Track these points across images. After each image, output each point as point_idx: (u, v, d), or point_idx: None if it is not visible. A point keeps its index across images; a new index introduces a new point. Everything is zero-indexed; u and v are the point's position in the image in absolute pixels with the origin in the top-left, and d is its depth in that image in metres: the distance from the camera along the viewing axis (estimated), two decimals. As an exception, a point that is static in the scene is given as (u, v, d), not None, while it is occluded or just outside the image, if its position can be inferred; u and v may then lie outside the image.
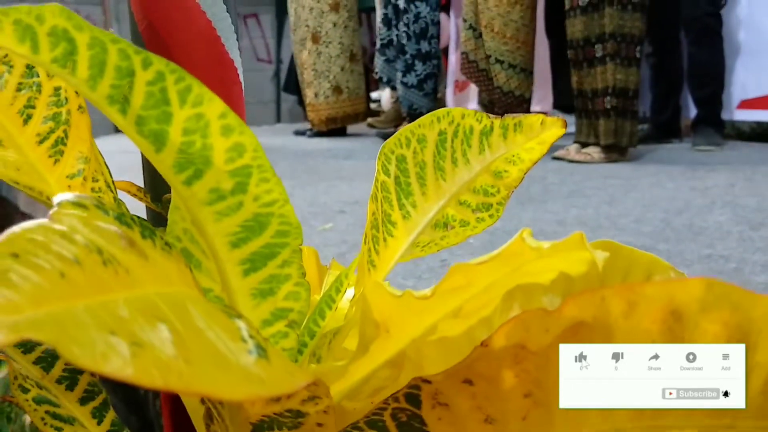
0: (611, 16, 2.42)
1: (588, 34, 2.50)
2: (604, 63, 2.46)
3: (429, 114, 0.38)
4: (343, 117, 3.81)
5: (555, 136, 0.40)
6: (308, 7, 3.67)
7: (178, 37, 0.45)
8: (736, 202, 1.77)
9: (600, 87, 2.49)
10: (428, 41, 3.35)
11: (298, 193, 2.08)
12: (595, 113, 2.54)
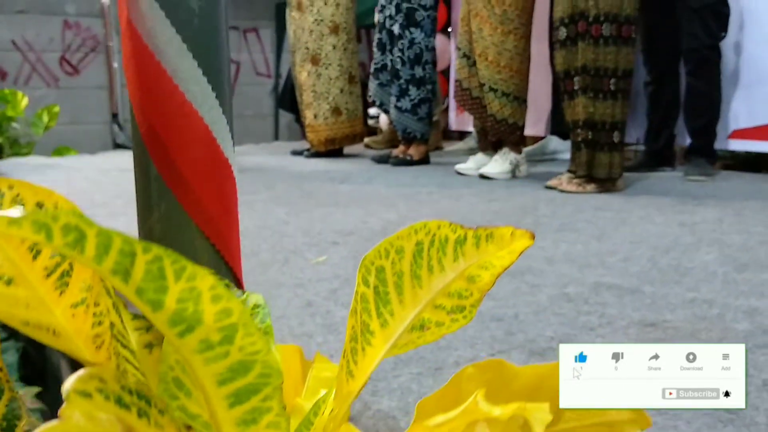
0: (583, 50, 2.47)
1: (567, 66, 2.55)
2: (576, 96, 2.51)
3: (408, 227, 0.41)
4: (342, 138, 3.85)
5: (524, 246, 0.43)
6: (308, 30, 3.71)
7: (178, 140, 0.48)
8: (723, 240, 1.80)
9: (574, 119, 2.55)
10: (422, 67, 3.40)
11: (293, 221, 2.11)
12: (576, 144, 2.59)
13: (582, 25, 2.49)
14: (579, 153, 2.58)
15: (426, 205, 2.36)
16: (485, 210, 2.24)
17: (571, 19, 2.52)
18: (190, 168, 0.47)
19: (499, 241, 0.41)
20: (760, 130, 3.06)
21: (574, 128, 2.58)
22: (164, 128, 0.47)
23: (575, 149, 2.60)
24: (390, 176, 3.05)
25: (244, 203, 2.37)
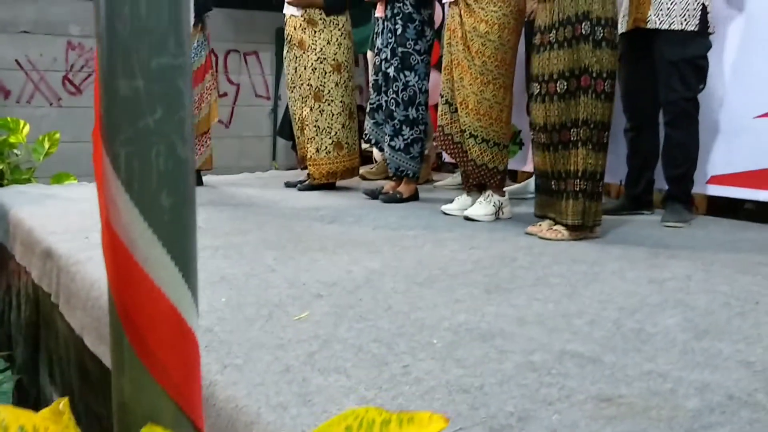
0: (550, 107, 2.60)
1: (540, 120, 2.66)
2: (553, 149, 2.63)
3: (339, 416, 0.50)
4: (343, 171, 3.96)
5: (439, 428, 0.51)
6: (311, 68, 3.82)
7: (147, 319, 0.56)
8: (687, 301, 1.89)
9: (553, 170, 2.64)
10: (416, 108, 3.50)
11: (280, 269, 2.19)
12: (555, 193, 2.68)
13: (552, 86, 2.60)
14: (558, 201, 2.66)
15: (410, 252, 2.45)
16: (465, 260, 2.33)
17: (543, 78, 2.64)
18: (157, 342, 0.56)
19: (418, 424, 0.50)
20: (737, 177, 3.16)
21: (553, 178, 2.66)
22: (135, 309, 0.56)
23: (556, 198, 2.69)
24: (378, 215, 3.14)
25: (234, 246, 2.46)
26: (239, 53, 9.04)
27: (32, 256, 2.77)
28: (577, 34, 2.56)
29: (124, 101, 0.55)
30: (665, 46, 2.92)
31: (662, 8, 2.90)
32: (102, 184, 0.59)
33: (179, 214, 0.59)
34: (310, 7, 3.81)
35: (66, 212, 3.20)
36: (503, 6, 2.96)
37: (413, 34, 3.46)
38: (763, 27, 3.04)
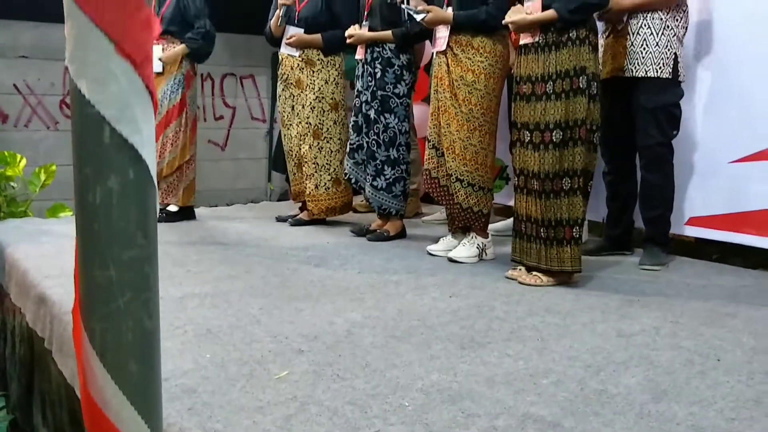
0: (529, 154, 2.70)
1: (530, 167, 2.76)
2: (535, 195, 2.74)
3: None
4: (341, 207, 4.06)
5: None
6: (309, 106, 3.91)
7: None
8: (651, 358, 1.97)
9: (536, 216, 2.74)
10: (396, 149, 3.60)
11: (264, 321, 2.28)
12: (534, 239, 2.78)
13: (537, 135, 2.70)
14: (549, 248, 2.74)
15: (391, 300, 2.53)
16: (444, 309, 2.42)
17: (531, 126, 2.73)
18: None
19: None
20: (715, 219, 3.26)
21: (543, 225, 2.74)
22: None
23: (544, 244, 2.76)
24: (364, 257, 3.23)
25: (221, 294, 2.56)
26: (235, 77, 9.15)
27: (27, 299, 2.85)
28: (574, 87, 2.65)
29: (99, 287, 0.64)
30: (641, 94, 3.02)
31: (637, 58, 3.01)
32: (80, 353, 0.68)
33: (145, 378, 0.68)
34: (308, 47, 3.91)
35: (60, 251, 3.28)
36: (489, 56, 3.06)
37: (392, 78, 3.56)
38: (734, 76, 3.14)
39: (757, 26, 3.05)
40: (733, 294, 2.70)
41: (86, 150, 0.62)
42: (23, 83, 8.05)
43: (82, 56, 0.61)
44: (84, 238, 0.65)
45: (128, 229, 0.64)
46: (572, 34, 2.64)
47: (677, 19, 3.00)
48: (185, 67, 4.13)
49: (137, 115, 0.63)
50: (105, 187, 0.63)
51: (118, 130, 0.62)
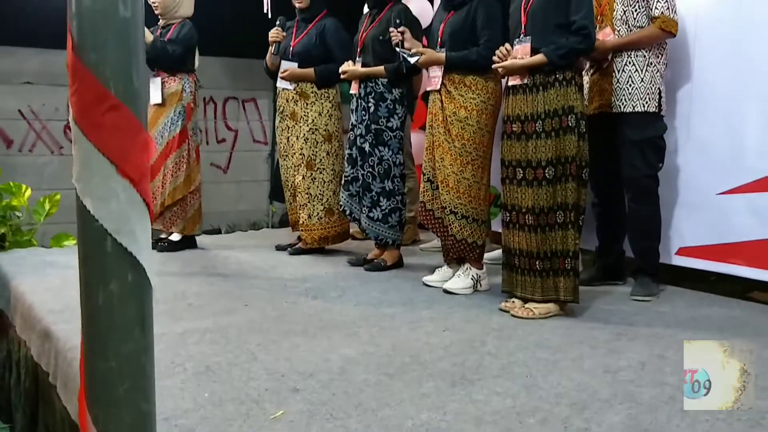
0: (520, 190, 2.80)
1: (524, 203, 2.83)
2: (529, 229, 2.83)
3: None
4: (334, 236, 4.13)
5: None
6: (303, 138, 4.01)
7: None
8: (635, 395, 2.04)
9: (529, 249, 2.82)
10: (392, 180, 3.68)
11: (262, 357, 2.35)
12: (528, 271, 2.85)
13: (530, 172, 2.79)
14: (545, 279, 2.81)
15: (386, 335, 2.60)
16: (436, 345, 2.49)
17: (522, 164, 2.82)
18: None
19: None
20: (703, 250, 3.32)
21: (538, 258, 2.82)
22: None
23: (539, 276, 2.84)
24: (361, 289, 3.30)
25: (221, 329, 2.64)
26: (238, 100, 9.28)
27: (32, 333, 2.93)
28: (563, 125, 2.74)
29: (102, 378, 0.72)
30: (627, 128, 3.11)
31: (624, 94, 3.10)
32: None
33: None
34: (302, 80, 4.01)
35: (65, 284, 3.36)
36: (481, 93, 3.14)
37: (385, 112, 3.65)
38: (721, 110, 3.22)
39: (741, 61, 3.13)
40: (720, 326, 2.77)
41: (90, 258, 0.70)
42: (28, 109, 8.18)
43: (88, 177, 0.69)
44: (88, 334, 0.72)
45: (127, 325, 0.72)
46: (559, 75, 2.73)
47: (659, 56, 3.11)
48: (186, 100, 4.21)
49: (135, 227, 0.71)
50: (107, 290, 0.71)
51: (119, 240, 0.70)
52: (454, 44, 3.18)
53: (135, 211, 0.71)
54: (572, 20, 2.71)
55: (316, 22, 4.01)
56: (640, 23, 3.10)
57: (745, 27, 3.12)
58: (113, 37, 0.70)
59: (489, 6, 3.13)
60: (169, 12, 4.22)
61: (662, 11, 3.03)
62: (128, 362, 0.72)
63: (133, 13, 0.72)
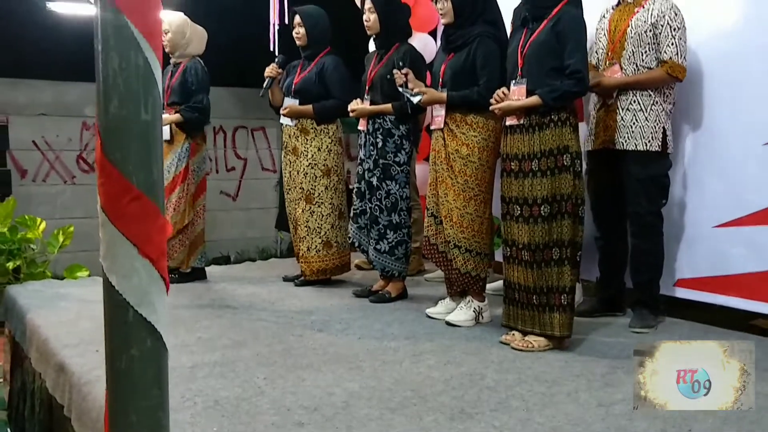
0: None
1: (521, 239, 2.92)
2: (525, 265, 2.91)
3: None
4: (333, 269, 4.22)
5: None
6: (302, 172, 4.12)
7: None
8: (628, 429, 2.12)
9: (527, 284, 2.91)
10: (398, 214, 3.78)
11: (268, 391, 2.43)
12: (528, 305, 2.94)
13: (526, 209, 2.89)
14: (542, 314, 2.90)
15: (389, 368, 2.68)
16: (437, 379, 2.56)
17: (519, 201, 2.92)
18: None
19: None
20: (701, 282, 3.40)
21: (535, 293, 2.90)
22: None
23: (537, 311, 2.92)
24: (365, 321, 3.38)
25: (229, 363, 2.73)
26: (247, 129, 9.47)
27: (47, 366, 3.03)
28: (559, 164, 2.84)
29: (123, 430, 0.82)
30: (631, 165, 3.20)
31: (627, 132, 3.18)
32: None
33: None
34: (302, 117, 4.14)
35: (79, 318, 3.47)
36: (482, 131, 3.25)
37: (393, 148, 3.76)
38: (718, 146, 3.30)
39: (740, 103, 3.22)
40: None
41: (114, 327, 0.80)
42: (42, 140, 8.36)
43: (113, 257, 0.79)
44: (112, 392, 0.82)
45: (146, 385, 0.81)
46: (554, 116, 2.83)
47: (665, 96, 3.18)
48: (190, 140, 4.31)
49: (154, 299, 0.81)
50: (129, 355, 0.80)
51: (140, 311, 0.80)
52: (455, 84, 3.29)
53: (154, 286, 0.81)
54: (567, 64, 2.82)
55: (317, 60, 4.14)
56: (648, 64, 3.16)
57: (741, 69, 3.20)
58: (136, 137, 0.81)
59: (487, 48, 3.24)
60: (178, 50, 4.36)
61: (671, 56, 3.09)
62: (147, 416, 0.82)
63: (153, 116, 0.82)
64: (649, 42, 3.13)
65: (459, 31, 3.29)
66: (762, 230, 3.14)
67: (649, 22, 3.13)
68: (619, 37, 3.23)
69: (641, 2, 3.20)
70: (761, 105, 3.12)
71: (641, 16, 3.17)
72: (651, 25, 3.12)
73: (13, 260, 4.44)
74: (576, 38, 2.86)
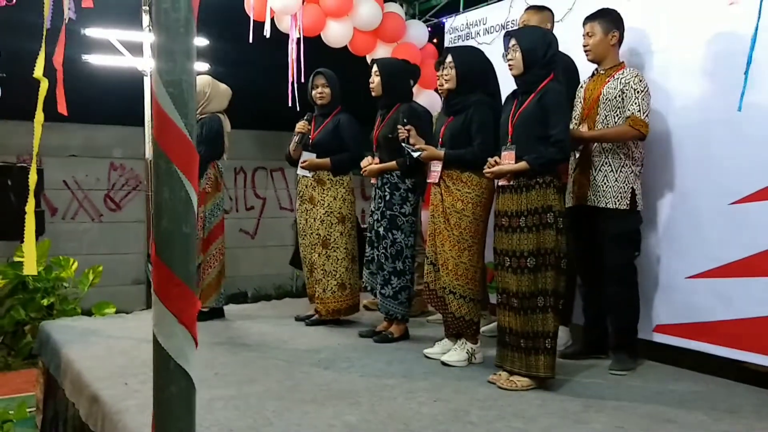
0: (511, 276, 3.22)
1: (510, 287, 3.25)
2: (514, 311, 3.23)
3: None
4: (346, 309, 4.56)
5: None
6: (319, 220, 4.49)
7: None
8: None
9: (512, 328, 3.23)
10: (402, 261, 4.13)
11: (276, 422, 2.76)
12: (513, 347, 3.25)
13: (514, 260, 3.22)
14: (528, 356, 3.20)
15: (384, 404, 3.00)
16: (426, 414, 2.88)
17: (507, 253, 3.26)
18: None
19: None
20: (678, 328, 3.69)
21: (523, 336, 3.21)
22: None
23: (524, 353, 3.22)
24: (368, 360, 3.70)
25: (243, 396, 3.12)
26: (266, 170, 9.90)
27: (80, 397, 3.38)
28: (543, 222, 3.18)
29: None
30: (602, 222, 3.54)
31: (598, 190, 3.54)
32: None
33: None
34: (320, 169, 4.52)
35: (109, 353, 3.83)
36: (476, 188, 3.59)
37: (399, 200, 4.12)
38: (690, 203, 3.62)
39: (708, 166, 3.54)
40: (681, 400, 3.12)
41: (161, 372, 1.14)
42: (72, 179, 8.85)
43: (160, 324, 1.14)
44: (158, 416, 1.16)
45: (181, 413, 1.15)
46: (540, 179, 3.18)
47: (634, 159, 3.54)
48: (201, 186, 4.63)
49: (188, 353, 1.16)
50: (169, 391, 1.14)
51: (178, 362, 1.14)
52: (453, 144, 3.65)
53: (187, 344, 1.15)
54: (551, 134, 3.18)
55: (332, 117, 4.53)
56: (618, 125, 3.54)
57: (708, 134, 3.54)
58: (179, 245, 1.17)
59: (483, 114, 3.60)
60: (198, 107, 4.76)
61: (633, 112, 3.45)
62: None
63: (190, 229, 1.18)
64: (618, 106, 3.51)
65: (459, 97, 3.66)
66: (729, 282, 3.44)
67: (618, 88, 3.51)
68: (593, 104, 3.60)
69: (612, 73, 3.59)
70: (726, 168, 3.45)
71: (612, 84, 3.55)
72: (620, 91, 3.50)
73: (47, 297, 4.83)
74: (559, 111, 3.22)
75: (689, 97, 3.64)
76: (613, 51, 3.65)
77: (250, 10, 5.06)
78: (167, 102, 1.15)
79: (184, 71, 1.18)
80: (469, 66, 3.62)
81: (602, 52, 3.65)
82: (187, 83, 1.19)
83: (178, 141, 1.15)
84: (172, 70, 1.17)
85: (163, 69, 1.17)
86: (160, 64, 1.17)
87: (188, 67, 1.19)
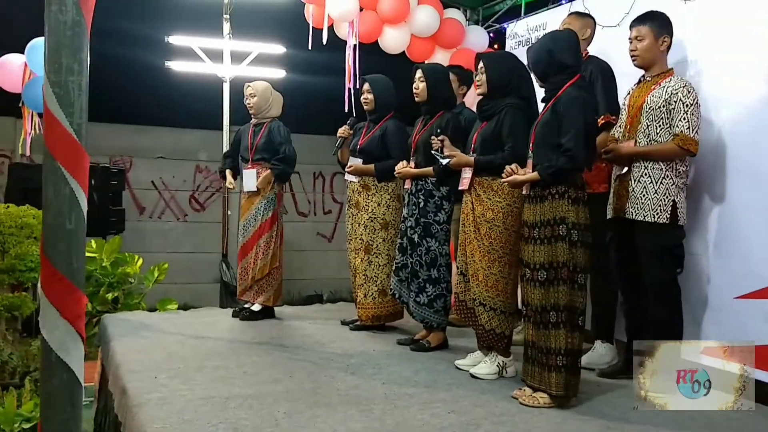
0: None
1: (527, 299, 3.15)
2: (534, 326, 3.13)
3: None
4: (387, 315, 4.56)
5: None
6: (363, 225, 4.52)
7: None
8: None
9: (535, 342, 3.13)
10: (437, 269, 4.07)
11: (283, 424, 2.78)
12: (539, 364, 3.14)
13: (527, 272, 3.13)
14: (543, 372, 3.10)
15: (396, 412, 2.97)
16: (435, 425, 2.83)
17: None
18: None
19: None
20: (726, 350, 3.47)
21: (539, 350, 3.11)
22: None
23: (540, 368, 3.13)
24: (397, 367, 3.68)
25: (260, 396, 3.17)
26: (344, 175, 10.02)
27: (116, 388, 3.53)
28: (555, 234, 3.08)
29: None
30: (641, 235, 3.38)
31: (637, 202, 3.38)
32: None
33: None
34: (364, 175, 4.54)
35: (153, 347, 3.99)
36: (507, 197, 3.51)
37: (433, 207, 4.08)
38: (740, 218, 3.40)
39: (761, 177, 3.32)
40: (711, 426, 2.93)
41: (45, 363, 1.19)
42: (159, 180, 9.27)
43: (44, 317, 1.19)
44: (42, 405, 1.21)
45: (63, 404, 1.20)
46: (552, 189, 3.08)
47: (677, 171, 3.35)
48: (276, 189, 4.90)
49: (70, 347, 1.21)
50: (51, 383, 1.19)
51: (59, 354, 1.19)
52: (484, 150, 3.59)
53: (70, 338, 1.20)
54: (561, 142, 3.06)
55: (381, 124, 4.55)
56: (660, 138, 3.36)
57: (761, 137, 3.32)
58: (63, 241, 1.22)
59: (514, 117, 3.51)
60: (261, 112, 4.95)
61: (682, 129, 3.27)
62: (62, 425, 1.20)
63: (76, 226, 1.23)
64: (663, 117, 3.33)
65: (491, 102, 3.60)
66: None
67: (663, 98, 3.33)
68: (636, 112, 3.43)
69: (658, 81, 3.41)
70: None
71: (657, 92, 3.37)
72: (665, 101, 3.32)
73: (112, 291, 5.08)
74: (570, 117, 3.09)
75: (740, 106, 3.43)
76: (662, 57, 3.49)
77: (309, 18, 5.15)
78: (53, 102, 1.21)
79: (70, 72, 1.23)
80: (499, 71, 3.55)
81: (651, 58, 3.49)
82: (74, 83, 1.24)
83: (63, 140, 1.21)
84: (59, 71, 1.22)
85: (50, 70, 1.22)
86: (47, 65, 1.23)
87: (74, 68, 1.24)
